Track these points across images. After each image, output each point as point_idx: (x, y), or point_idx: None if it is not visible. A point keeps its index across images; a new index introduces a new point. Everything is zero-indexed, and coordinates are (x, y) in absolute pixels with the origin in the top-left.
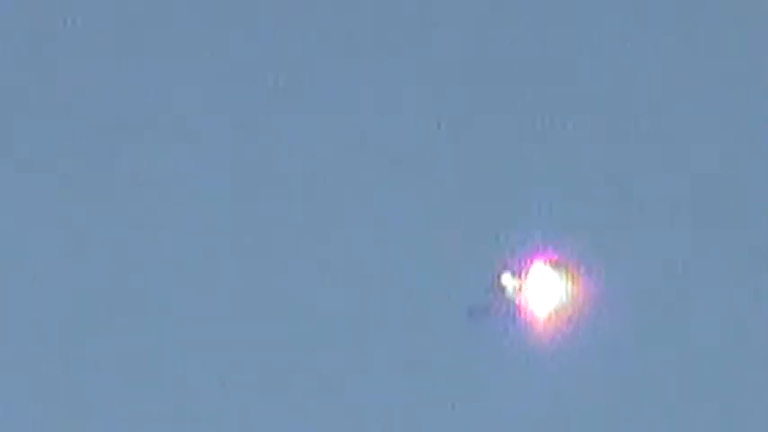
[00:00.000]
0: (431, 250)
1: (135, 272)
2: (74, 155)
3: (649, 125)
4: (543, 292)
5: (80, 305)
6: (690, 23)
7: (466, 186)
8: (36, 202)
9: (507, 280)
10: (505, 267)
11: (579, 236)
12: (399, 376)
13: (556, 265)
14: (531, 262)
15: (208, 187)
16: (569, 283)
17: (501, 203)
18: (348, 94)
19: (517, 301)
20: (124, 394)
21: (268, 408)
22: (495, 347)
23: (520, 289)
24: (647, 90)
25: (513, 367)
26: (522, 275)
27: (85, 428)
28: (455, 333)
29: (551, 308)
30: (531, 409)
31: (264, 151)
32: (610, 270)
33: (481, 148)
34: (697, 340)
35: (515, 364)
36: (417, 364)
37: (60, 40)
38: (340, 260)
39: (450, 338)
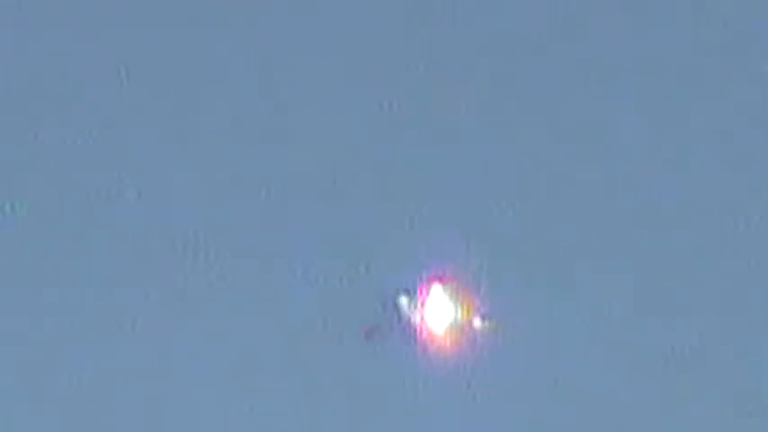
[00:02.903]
0: (323, 270)
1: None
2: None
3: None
4: (439, 310)
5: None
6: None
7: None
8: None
9: (403, 300)
10: (401, 288)
11: (474, 254)
12: (297, 398)
13: (451, 284)
14: (428, 282)
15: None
16: (465, 301)
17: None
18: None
19: (413, 321)
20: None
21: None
22: (391, 367)
23: (416, 308)
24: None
25: (411, 387)
26: (418, 295)
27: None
28: (350, 354)
29: (447, 326)
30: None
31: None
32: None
33: (374, 168)
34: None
35: (413, 383)
36: (313, 385)
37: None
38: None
39: (344, 360)
